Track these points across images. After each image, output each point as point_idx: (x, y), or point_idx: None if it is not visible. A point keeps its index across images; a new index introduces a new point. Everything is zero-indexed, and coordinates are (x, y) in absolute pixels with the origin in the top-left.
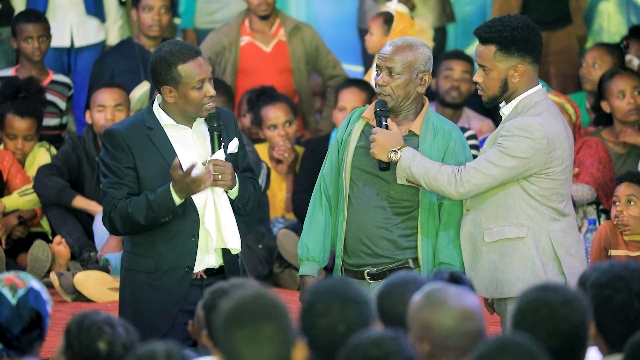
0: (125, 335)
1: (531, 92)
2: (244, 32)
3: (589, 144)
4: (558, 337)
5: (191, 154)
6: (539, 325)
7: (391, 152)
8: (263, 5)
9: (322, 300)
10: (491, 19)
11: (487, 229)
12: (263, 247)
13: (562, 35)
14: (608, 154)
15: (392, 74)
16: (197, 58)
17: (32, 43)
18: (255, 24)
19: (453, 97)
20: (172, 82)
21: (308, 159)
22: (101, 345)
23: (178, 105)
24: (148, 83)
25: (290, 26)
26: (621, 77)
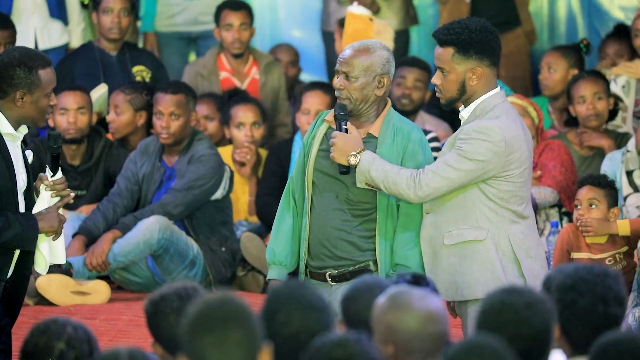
0: (83, 337)
1: (489, 95)
2: (221, 67)
3: (551, 146)
4: (521, 340)
5: (18, 165)
6: (502, 328)
7: (350, 156)
8: (237, 44)
9: (282, 310)
10: (450, 22)
11: (446, 232)
12: (226, 250)
13: (511, 37)
14: (570, 157)
15: (349, 77)
16: (52, 66)
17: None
18: (230, 61)
19: (404, 105)
20: (28, 86)
21: (271, 161)
22: (60, 345)
23: (23, 111)
24: (106, 85)
25: (264, 62)
26: (583, 83)
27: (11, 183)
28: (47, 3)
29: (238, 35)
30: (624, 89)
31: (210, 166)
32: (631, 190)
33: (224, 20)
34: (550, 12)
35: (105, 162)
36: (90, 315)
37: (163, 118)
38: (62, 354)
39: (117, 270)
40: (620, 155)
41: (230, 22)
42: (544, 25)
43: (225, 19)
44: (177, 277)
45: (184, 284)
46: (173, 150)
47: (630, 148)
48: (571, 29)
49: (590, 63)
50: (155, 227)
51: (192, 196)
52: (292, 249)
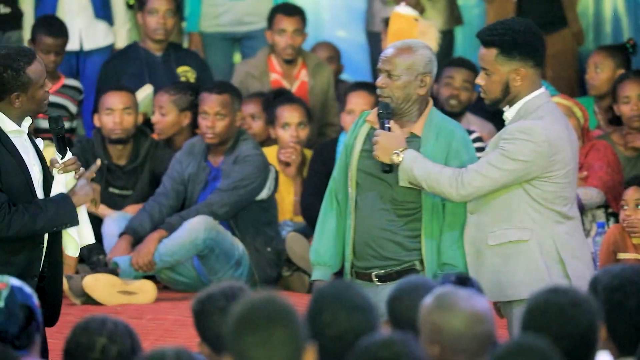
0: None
1: (533, 95)
2: (272, 69)
3: (597, 147)
4: (567, 339)
5: (29, 158)
6: (547, 327)
7: (393, 155)
8: (289, 50)
9: (328, 310)
10: (494, 22)
11: (490, 232)
12: (272, 250)
13: (557, 38)
14: (617, 158)
15: (391, 75)
16: (36, 56)
17: (49, 56)
18: (281, 63)
19: (452, 106)
20: (20, 87)
21: (316, 162)
22: (102, 341)
23: (22, 109)
24: (151, 86)
25: (313, 64)
26: (629, 83)
27: (25, 177)
28: (92, 3)
29: (291, 41)
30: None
31: (256, 166)
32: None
33: (278, 24)
34: (595, 12)
35: (151, 162)
36: (136, 315)
37: (208, 118)
38: (105, 349)
39: (163, 270)
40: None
41: (284, 27)
42: (589, 25)
43: (279, 24)
44: (222, 277)
45: (231, 283)
46: (218, 150)
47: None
48: (617, 28)
49: (637, 63)
50: (201, 227)
51: (237, 196)
52: (336, 250)
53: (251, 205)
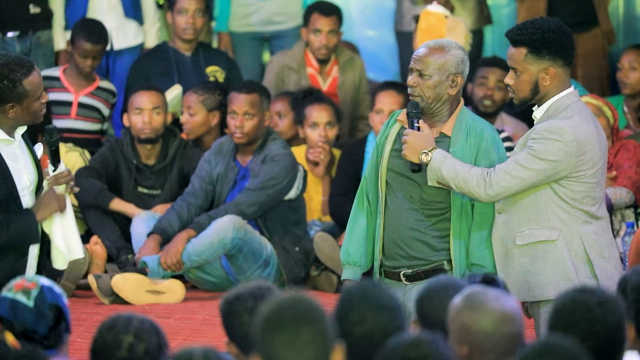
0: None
1: (562, 95)
2: (309, 64)
3: (627, 147)
4: (594, 339)
5: (19, 166)
6: (575, 327)
7: (422, 154)
8: (323, 50)
9: (356, 309)
10: (523, 22)
11: (518, 231)
12: (300, 249)
13: (588, 37)
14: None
15: (423, 75)
16: (35, 68)
17: (86, 60)
18: (315, 61)
19: (486, 106)
20: (16, 98)
21: (344, 161)
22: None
23: (15, 119)
24: (180, 86)
25: (344, 59)
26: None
27: (9, 188)
28: (122, 3)
29: (326, 41)
30: None
31: (284, 166)
32: None
33: (314, 24)
34: (626, 12)
35: (180, 162)
36: (164, 314)
37: (237, 118)
38: (131, 347)
39: (191, 269)
40: None
41: (320, 27)
42: (620, 25)
43: (314, 23)
44: (250, 276)
45: (259, 283)
46: (247, 150)
47: None
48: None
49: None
50: (229, 226)
51: (265, 196)
52: (366, 249)
53: (279, 204)
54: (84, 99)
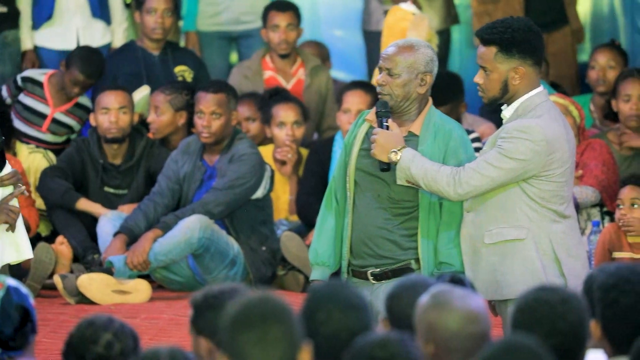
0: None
1: (532, 94)
2: (266, 67)
3: (593, 146)
4: (557, 336)
5: None
6: (537, 324)
7: (391, 153)
8: (283, 44)
9: (323, 308)
10: (493, 21)
11: (487, 230)
12: (266, 249)
13: (558, 36)
14: (612, 157)
15: (392, 74)
16: None
17: (75, 88)
18: (276, 61)
19: None
20: None
21: (312, 161)
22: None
23: None
24: (148, 87)
25: (311, 65)
26: (632, 81)
27: None
28: (89, 3)
29: (285, 36)
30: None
31: (251, 165)
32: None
33: (271, 21)
34: (593, 11)
35: (147, 162)
36: (131, 314)
37: (204, 117)
38: (109, 344)
39: (158, 269)
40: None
41: (277, 23)
42: (587, 24)
43: (272, 20)
44: (217, 276)
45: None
46: (214, 149)
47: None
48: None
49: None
50: (196, 226)
51: (233, 195)
52: (334, 249)
53: (247, 204)
54: (59, 115)
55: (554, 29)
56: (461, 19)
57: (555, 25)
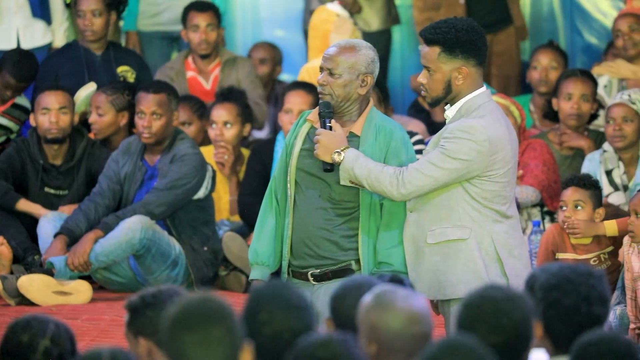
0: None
1: (475, 94)
2: (188, 68)
3: (533, 146)
4: (501, 333)
5: None
6: (482, 321)
7: (334, 153)
8: (203, 45)
9: (264, 309)
10: (437, 21)
11: (429, 230)
12: (208, 249)
13: (503, 37)
14: (553, 157)
15: (333, 74)
16: None
17: (7, 91)
18: (197, 62)
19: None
20: None
21: (253, 161)
22: (44, 343)
23: None
24: (94, 84)
25: (224, 59)
26: (574, 81)
27: None
28: (29, 3)
29: (205, 36)
30: (605, 89)
31: (193, 165)
32: (612, 190)
33: (191, 21)
34: (532, 11)
35: (87, 162)
36: (72, 316)
37: (145, 117)
38: (47, 351)
39: (98, 270)
40: (598, 156)
41: (197, 23)
42: (526, 25)
43: (191, 20)
44: (159, 277)
45: (169, 285)
46: (155, 149)
47: (606, 148)
48: (553, 28)
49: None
50: (138, 226)
51: (174, 196)
52: (274, 250)
53: (188, 204)
54: None
55: (498, 29)
56: (402, 19)
57: (499, 26)
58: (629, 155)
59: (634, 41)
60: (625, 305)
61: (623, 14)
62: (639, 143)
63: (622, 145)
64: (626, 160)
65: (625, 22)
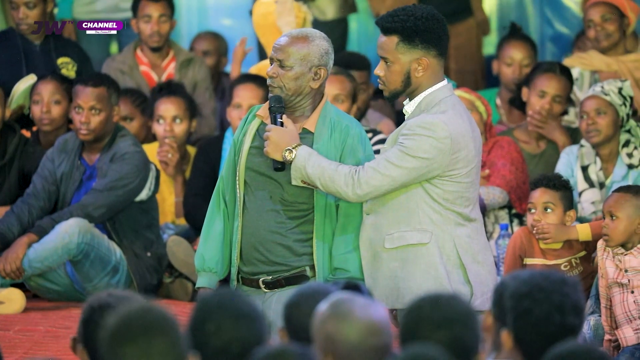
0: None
1: (436, 88)
2: (140, 62)
3: (500, 144)
4: (447, 326)
5: None
6: (425, 319)
7: (286, 151)
8: (155, 37)
9: (212, 319)
10: (394, 8)
11: (387, 234)
12: (152, 255)
13: (462, 29)
14: (521, 155)
15: (284, 65)
16: None
17: None
18: (148, 54)
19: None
20: None
21: (200, 160)
22: None
23: None
24: (34, 76)
25: (182, 59)
26: (550, 78)
27: None
28: None
29: (157, 27)
30: (577, 82)
31: (134, 165)
32: (587, 186)
33: (142, 11)
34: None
35: (20, 160)
36: (3, 326)
37: (83, 113)
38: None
39: (32, 277)
40: (576, 150)
41: (149, 13)
42: (493, 14)
43: (143, 10)
44: (98, 284)
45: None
46: (94, 147)
47: (584, 143)
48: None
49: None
50: (75, 230)
51: (114, 197)
52: (222, 255)
53: (130, 206)
54: None
55: (456, 20)
56: (359, 7)
57: (458, 17)
58: (607, 152)
59: (607, 32)
60: (599, 314)
61: (594, 3)
62: (616, 137)
63: (597, 140)
64: (604, 157)
65: (597, 12)
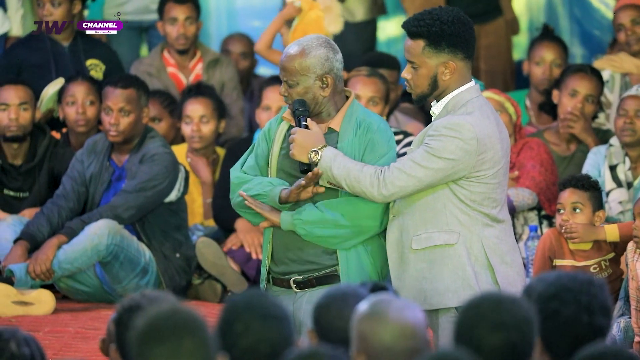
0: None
1: (463, 89)
2: (167, 63)
3: (530, 145)
4: (504, 329)
5: None
6: (483, 318)
7: (311, 153)
8: (181, 39)
9: (240, 319)
10: (420, 12)
11: (415, 235)
12: (181, 256)
13: (491, 29)
14: (551, 157)
15: (289, 84)
16: None
17: None
18: (174, 56)
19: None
20: None
21: (229, 161)
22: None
23: None
24: (63, 79)
25: (208, 59)
26: (582, 78)
27: None
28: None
29: (183, 30)
30: (607, 84)
31: (164, 166)
32: (614, 185)
33: (168, 13)
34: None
35: (50, 162)
36: (33, 328)
37: (112, 114)
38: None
39: (62, 278)
40: (604, 150)
41: (175, 15)
42: (523, 15)
43: (169, 13)
44: (127, 285)
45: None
46: (123, 148)
47: (613, 142)
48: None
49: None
50: (104, 231)
51: (144, 198)
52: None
53: (159, 207)
54: None
55: (485, 20)
56: (388, 9)
57: (487, 17)
58: (637, 153)
59: (638, 36)
60: (629, 316)
61: (623, 6)
62: None
63: (630, 140)
64: (633, 157)
65: (627, 15)
